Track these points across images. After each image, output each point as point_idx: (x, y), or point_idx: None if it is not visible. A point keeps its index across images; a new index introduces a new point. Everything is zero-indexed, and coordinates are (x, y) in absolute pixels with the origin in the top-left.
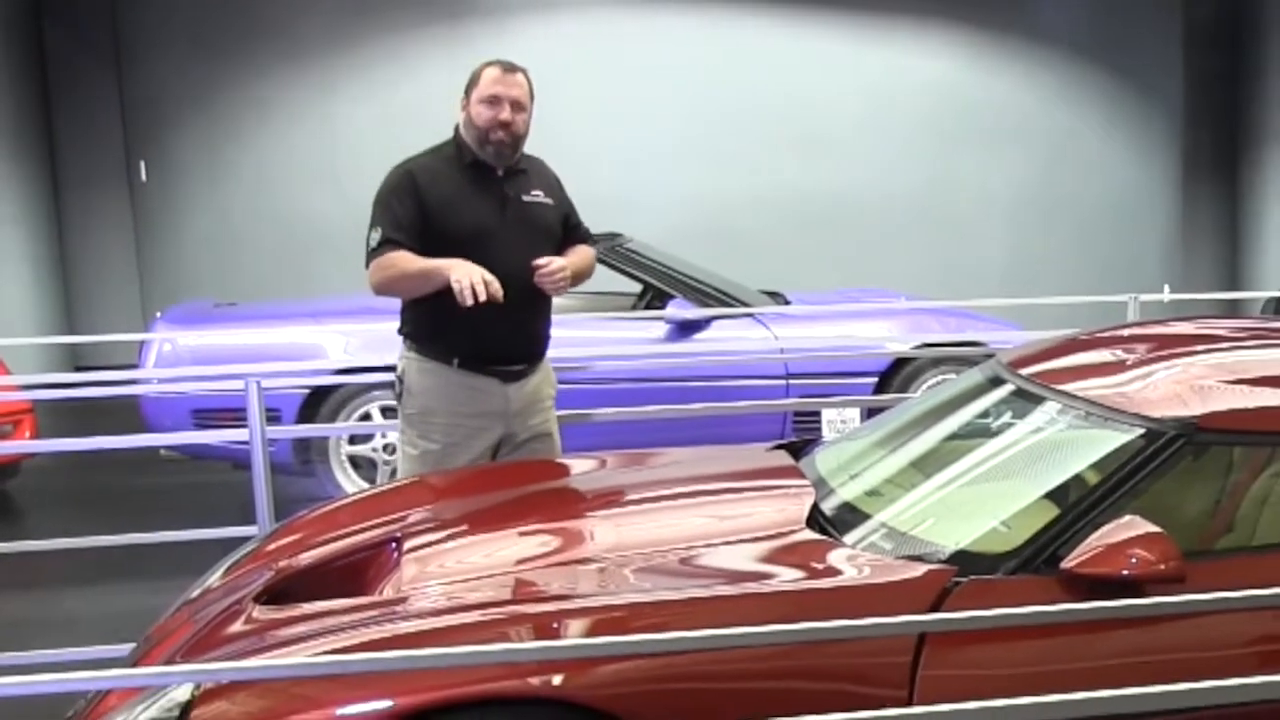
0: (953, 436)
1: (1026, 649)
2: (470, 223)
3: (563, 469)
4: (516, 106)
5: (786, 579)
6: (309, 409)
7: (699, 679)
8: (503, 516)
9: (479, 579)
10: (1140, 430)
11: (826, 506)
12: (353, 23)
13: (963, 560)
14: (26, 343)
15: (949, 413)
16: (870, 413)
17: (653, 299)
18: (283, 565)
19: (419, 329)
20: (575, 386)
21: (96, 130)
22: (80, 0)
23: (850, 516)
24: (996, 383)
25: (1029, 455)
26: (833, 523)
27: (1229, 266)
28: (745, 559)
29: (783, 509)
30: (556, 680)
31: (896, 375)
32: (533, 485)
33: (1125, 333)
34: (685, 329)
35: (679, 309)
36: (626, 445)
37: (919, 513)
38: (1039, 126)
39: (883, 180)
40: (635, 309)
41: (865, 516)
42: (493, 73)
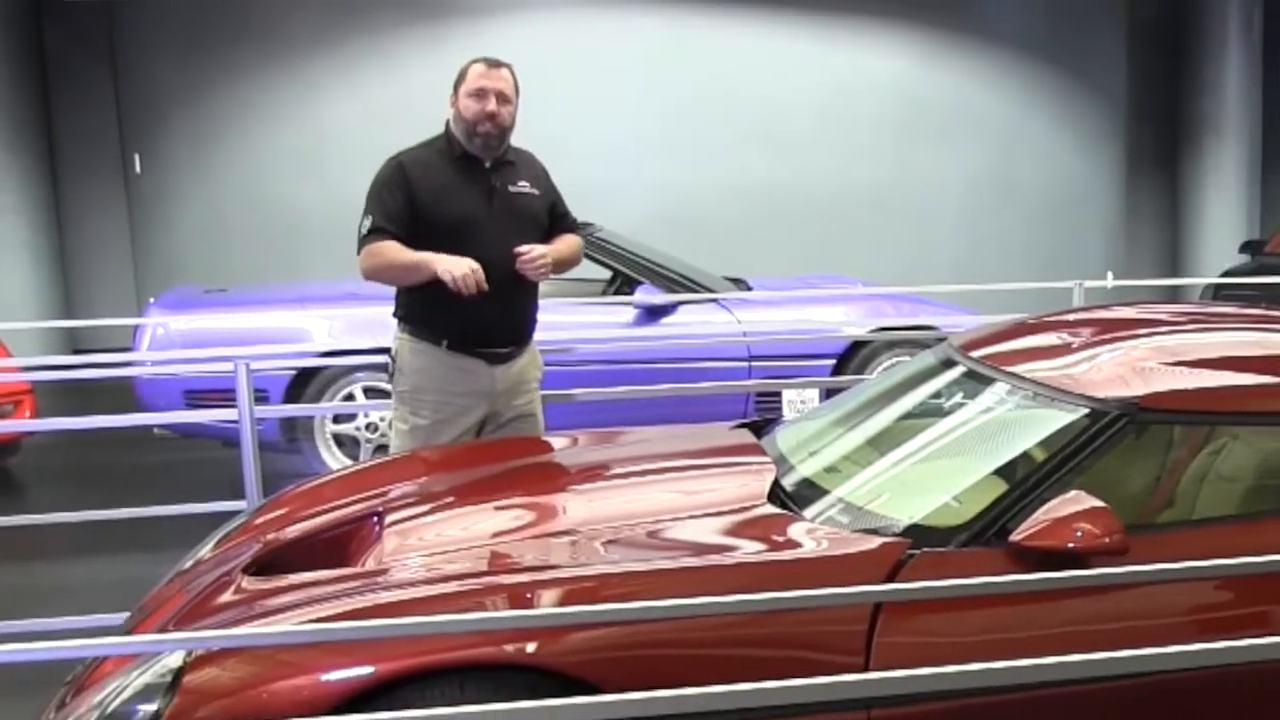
0: (907, 416)
1: (977, 618)
2: (457, 212)
3: (536, 446)
4: (501, 99)
5: (749, 551)
6: (295, 389)
7: (665, 646)
8: (479, 492)
9: (456, 551)
10: (1085, 410)
11: (787, 482)
12: (337, 23)
13: (916, 534)
14: (26, 327)
15: (903, 393)
16: (829, 393)
17: (622, 285)
18: (270, 538)
19: (412, 312)
20: (553, 368)
21: (93, 125)
22: (78, 2)
23: (809, 492)
24: (948, 365)
25: (979, 434)
26: (793, 498)
27: (1170, 254)
28: (709, 532)
29: (745, 485)
30: (530, 648)
31: (853, 358)
32: (508, 462)
33: (1071, 317)
34: (653, 314)
35: (647, 295)
36: (598, 424)
37: (875, 488)
38: (991, 121)
39: (841, 172)
40: (605, 294)
41: (824, 492)
42: (479, 68)
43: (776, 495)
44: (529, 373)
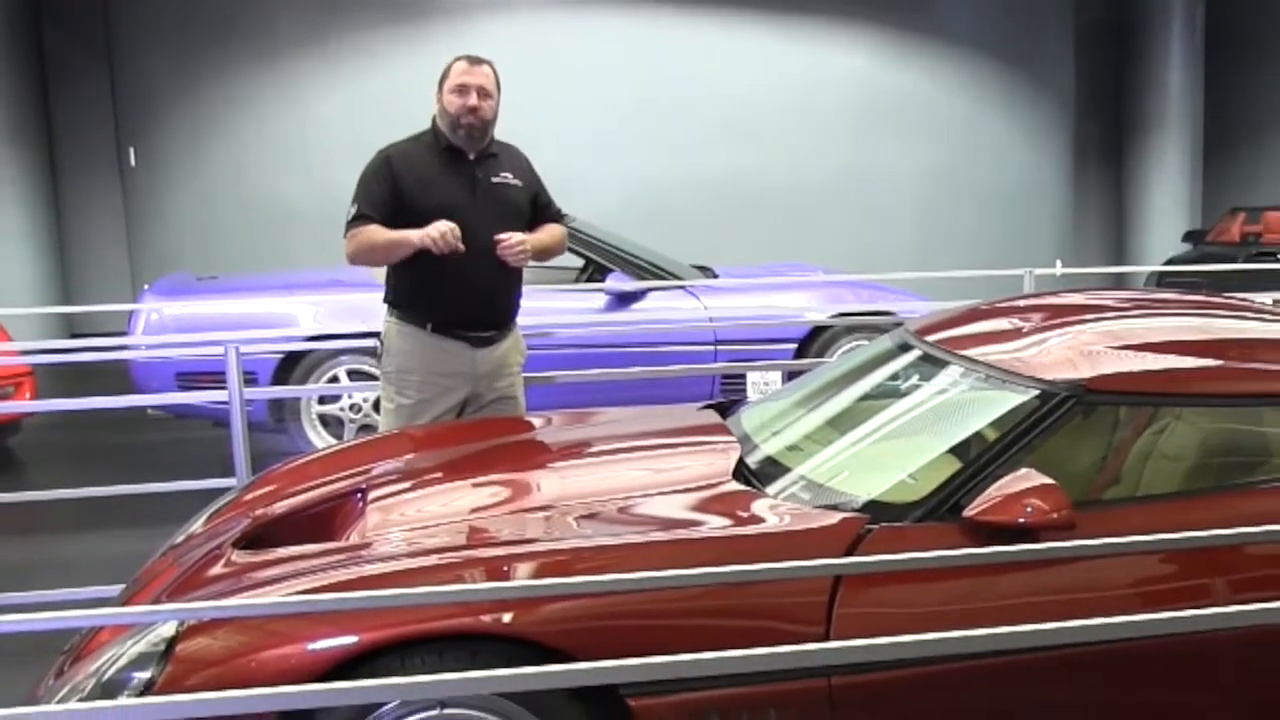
0: (865, 397)
1: (932, 590)
2: (440, 201)
3: (513, 426)
4: (483, 94)
5: (715, 526)
6: (282, 372)
7: (635, 616)
8: (458, 469)
9: (436, 526)
10: (1035, 391)
11: (751, 460)
12: (324, 22)
13: (874, 509)
14: (26, 312)
15: (862, 376)
16: (791, 376)
17: (593, 273)
18: (259, 514)
19: (400, 296)
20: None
21: (90, 121)
22: (76, 3)
23: (772, 469)
24: (905, 348)
25: (934, 414)
26: (756, 475)
27: (1115, 243)
28: (677, 508)
29: (711, 463)
30: (506, 618)
31: (814, 341)
32: (486, 441)
33: (1021, 303)
34: (623, 300)
35: (617, 282)
36: (572, 405)
37: (835, 466)
38: (945, 116)
39: (803, 165)
40: (578, 281)
41: (786, 469)
42: (461, 65)
43: (741, 473)
44: (511, 357)
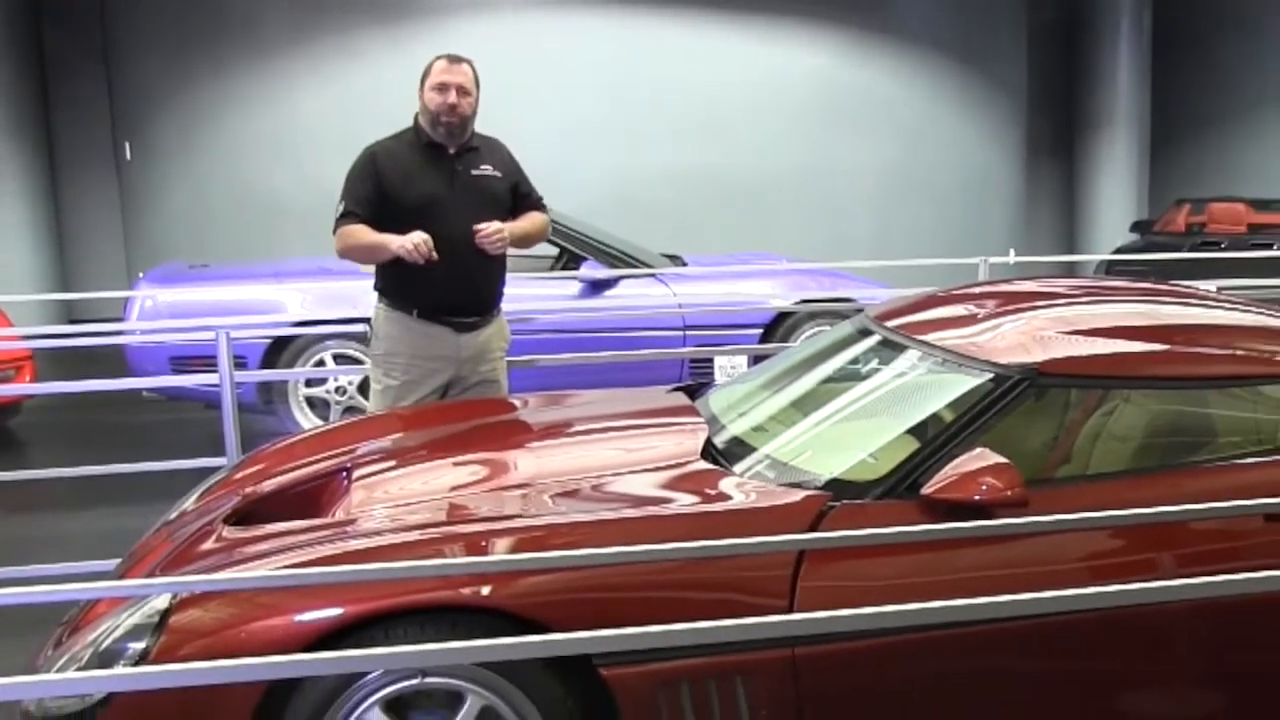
0: (827, 380)
1: (891, 564)
2: (421, 193)
3: (491, 407)
4: (461, 91)
5: (684, 503)
6: (271, 356)
7: (608, 590)
8: (439, 449)
9: (418, 503)
10: (989, 375)
11: (718, 440)
12: (312, 23)
13: (836, 487)
14: (27, 299)
15: (824, 360)
16: (756, 359)
17: (568, 261)
18: (249, 491)
19: (387, 284)
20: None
21: (88, 118)
22: (74, 5)
23: (739, 449)
24: (865, 333)
25: (893, 396)
26: (724, 454)
27: (1066, 233)
28: (648, 486)
29: (680, 442)
30: (485, 591)
31: (779, 327)
32: (466, 422)
33: (976, 290)
34: (596, 287)
35: (591, 270)
36: (547, 387)
37: (798, 446)
38: (903, 112)
39: (768, 158)
40: (553, 269)
41: (752, 449)
42: (441, 64)
43: (709, 452)
44: (494, 342)
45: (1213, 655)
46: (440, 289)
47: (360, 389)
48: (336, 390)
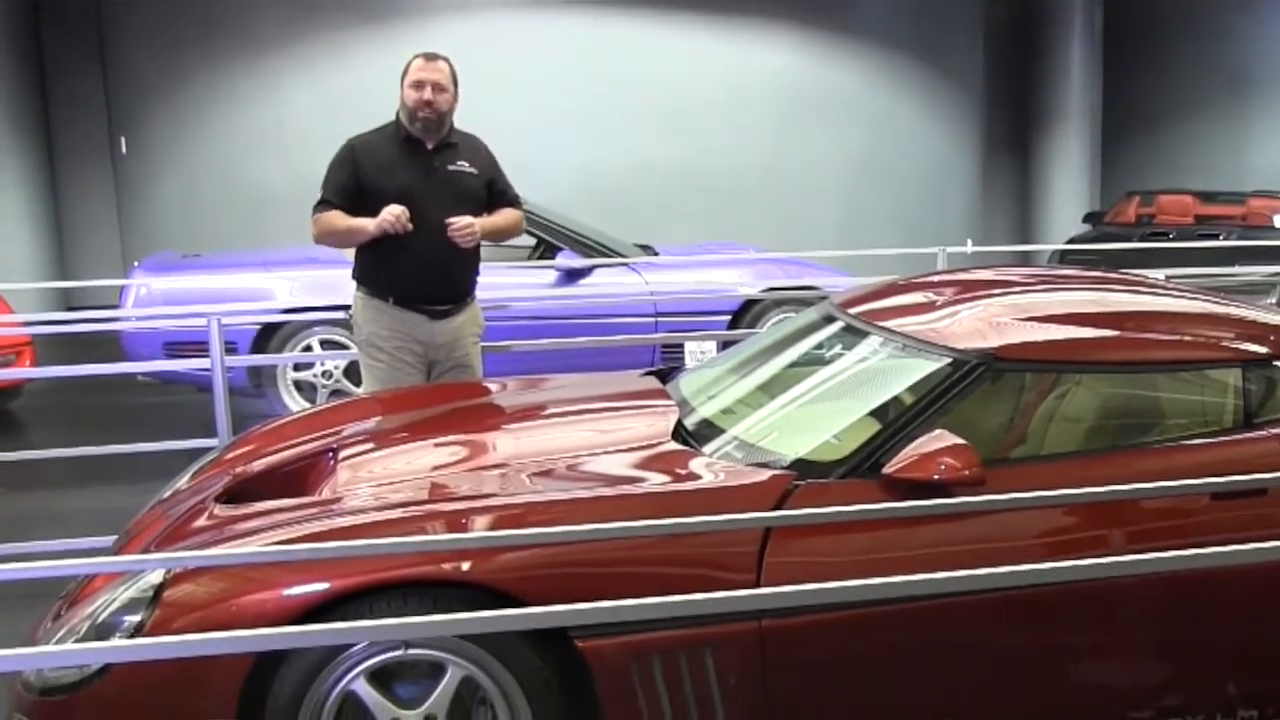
0: (793, 364)
1: (853, 540)
2: (398, 186)
3: (471, 390)
4: (438, 88)
5: (655, 482)
6: (260, 341)
7: (583, 565)
8: (421, 430)
9: (401, 482)
10: (948, 359)
11: (689, 422)
12: (299, 22)
13: (801, 467)
14: (26, 287)
15: (790, 345)
16: (725, 345)
17: (545, 251)
18: (239, 471)
19: (365, 273)
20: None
21: (84, 113)
22: (71, 6)
23: (708, 430)
24: (829, 320)
25: (855, 380)
26: (694, 436)
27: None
28: (621, 466)
29: (652, 424)
30: (465, 566)
31: (746, 314)
32: (446, 404)
33: (935, 278)
34: (572, 276)
35: (566, 259)
36: (525, 372)
37: (765, 427)
38: (865, 108)
39: (735, 152)
40: (530, 259)
41: (720, 430)
42: (419, 62)
43: (679, 433)
44: (467, 329)
45: (1161, 626)
46: (415, 278)
47: (346, 373)
48: (323, 374)
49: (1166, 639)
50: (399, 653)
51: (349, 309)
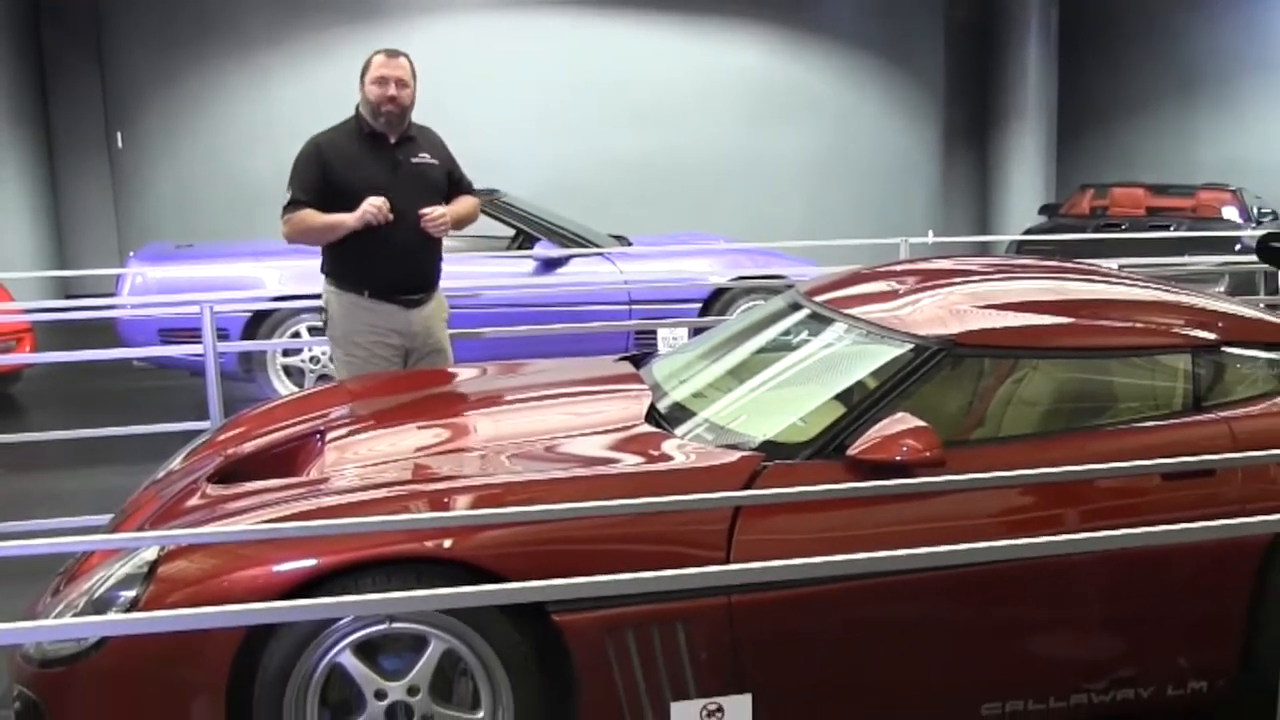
0: (761, 350)
1: (819, 519)
2: (367, 181)
3: (452, 375)
4: (400, 84)
5: (629, 463)
6: (251, 328)
7: (559, 542)
8: (405, 414)
9: (385, 463)
10: (910, 345)
11: (661, 405)
12: (288, 23)
13: (769, 448)
14: (26, 276)
15: (758, 331)
16: (696, 331)
17: (523, 241)
18: (230, 452)
19: (336, 268)
20: (465, 310)
21: (82, 109)
22: (70, 8)
23: (680, 413)
24: (795, 308)
25: (821, 365)
26: (666, 418)
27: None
28: (597, 447)
29: (626, 407)
30: (447, 544)
31: (717, 301)
32: (428, 389)
33: (898, 268)
34: (549, 265)
35: (544, 249)
36: (505, 357)
37: (734, 411)
38: (830, 105)
39: (706, 147)
40: (509, 249)
41: (692, 414)
42: (380, 59)
43: (652, 416)
44: (437, 315)
45: (1114, 601)
46: (389, 270)
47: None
48: (311, 359)
49: (1119, 613)
50: (383, 627)
51: (319, 297)
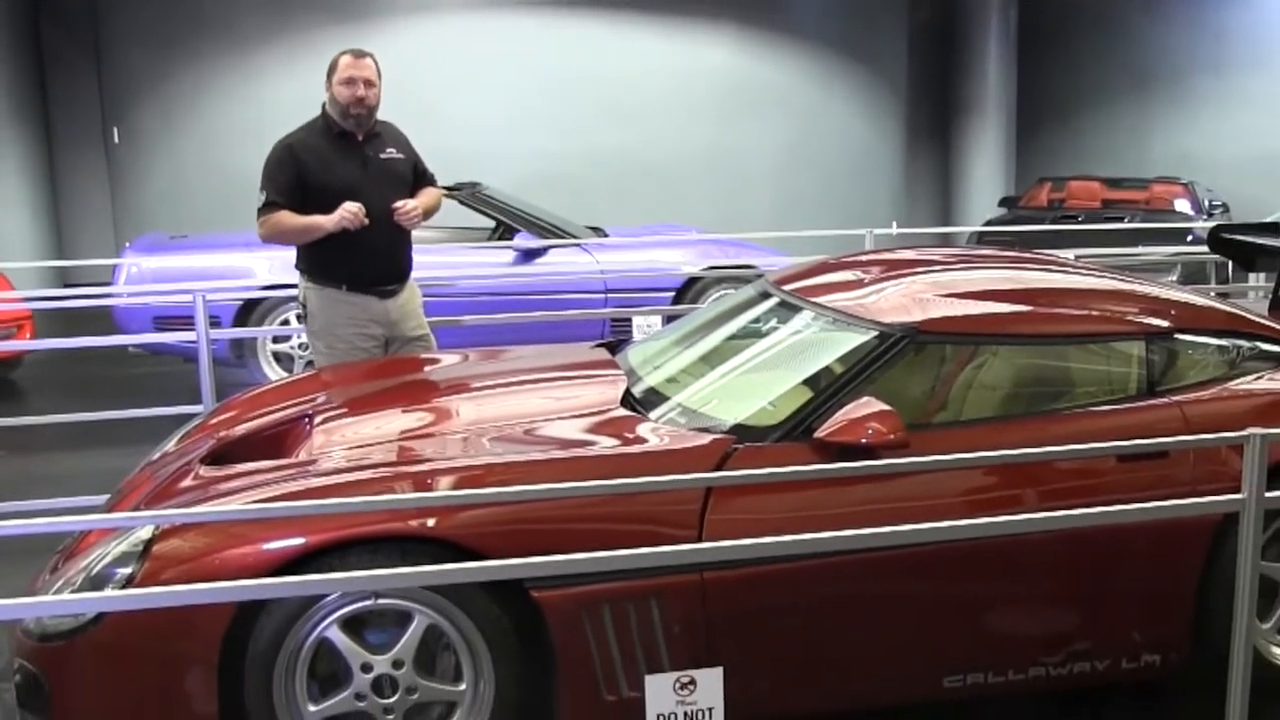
0: (732, 337)
1: (788, 500)
2: (341, 180)
3: (434, 361)
4: (368, 84)
5: (605, 445)
6: (242, 316)
7: (538, 522)
8: (389, 398)
9: (371, 445)
10: (875, 332)
11: (636, 390)
12: (280, 22)
13: (740, 431)
14: (26, 266)
15: (729, 319)
16: (670, 319)
17: (503, 232)
18: (223, 435)
19: (313, 264)
20: (446, 299)
21: (80, 104)
22: (69, 6)
23: (654, 398)
24: (765, 296)
25: (790, 351)
26: (641, 403)
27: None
28: (574, 430)
29: (602, 392)
30: (430, 523)
31: (689, 290)
32: (412, 374)
33: (863, 258)
34: (528, 255)
35: (523, 240)
36: (486, 344)
37: (706, 395)
38: (797, 101)
39: (679, 141)
40: (490, 240)
41: (666, 398)
42: (347, 59)
43: (628, 401)
44: (413, 303)
45: (1071, 579)
46: (367, 264)
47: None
48: (300, 346)
49: (1076, 590)
50: (369, 603)
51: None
